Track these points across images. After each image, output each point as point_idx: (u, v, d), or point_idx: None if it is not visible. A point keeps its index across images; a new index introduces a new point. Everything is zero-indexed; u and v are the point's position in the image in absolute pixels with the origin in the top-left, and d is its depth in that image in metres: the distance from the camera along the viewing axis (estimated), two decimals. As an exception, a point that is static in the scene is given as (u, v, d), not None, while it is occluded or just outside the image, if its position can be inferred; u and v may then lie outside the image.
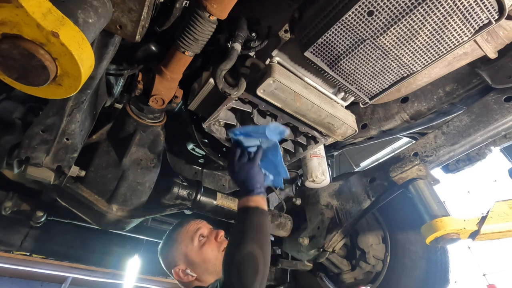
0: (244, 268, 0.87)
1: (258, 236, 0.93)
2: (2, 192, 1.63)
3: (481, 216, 1.05)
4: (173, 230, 1.40)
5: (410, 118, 1.48)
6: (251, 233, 0.93)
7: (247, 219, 0.96)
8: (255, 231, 0.94)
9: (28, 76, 0.62)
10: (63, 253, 2.12)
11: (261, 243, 0.92)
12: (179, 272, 1.25)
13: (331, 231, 1.56)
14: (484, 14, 0.84)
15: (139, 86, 1.17)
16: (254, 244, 0.90)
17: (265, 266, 0.90)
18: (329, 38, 0.93)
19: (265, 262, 0.90)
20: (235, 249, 0.91)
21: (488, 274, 5.19)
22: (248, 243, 0.90)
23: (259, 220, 0.97)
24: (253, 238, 0.92)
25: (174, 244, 1.32)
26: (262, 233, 0.94)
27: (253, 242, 0.91)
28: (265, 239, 0.94)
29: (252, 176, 1.04)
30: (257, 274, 0.87)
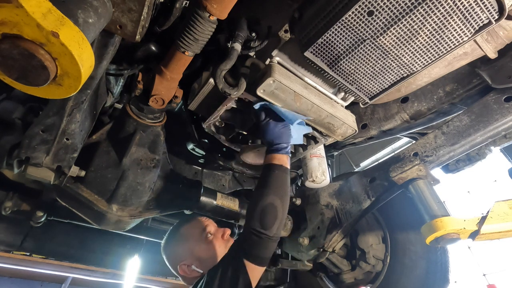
0: (266, 214, 1.01)
1: (279, 189, 1.06)
2: (2, 192, 1.63)
3: (481, 216, 1.05)
4: (180, 226, 1.39)
5: (410, 118, 1.48)
6: (274, 186, 1.06)
7: (272, 174, 1.08)
8: (277, 185, 1.07)
9: (28, 76, 0.62)
10: (63, 253, 2.12)
11: (281, 196, 1.06)
12: (184, 268, 1.25)
13: (331, 231, 1.56)
14: (484, 14, 0.84)
15: (139, 86, 1.17)
16: (275, 196, 1.04)
17: (283, 215, 1.04)
18: (329, 38, 0.93)
19: (283, 211, 1.05)
20: (259, 199, 1.05)
21: (488, 274, 5.19)
22: (271, 195, 1.04)
23: (282, 176, 1.09)
24: (275, 191, 1.05)
25: (181, 240, 1.32)
26: (282, 187, 1.07)
27: (275, 194, 1.04)
28: (285, 193, 1.08)
29: (280, 135, 1.14)
30: (276, 220, 1.01)
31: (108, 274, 5.48)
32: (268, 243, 1.01)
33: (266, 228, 0.99)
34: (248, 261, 0.99)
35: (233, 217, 1.72)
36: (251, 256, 1.00)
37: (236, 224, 1.99)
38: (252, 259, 1.00)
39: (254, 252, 1.00)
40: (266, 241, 1.00)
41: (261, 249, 1.01)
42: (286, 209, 1.07)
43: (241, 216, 1.73)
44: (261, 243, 1.00)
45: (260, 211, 1.02)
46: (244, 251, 1.01)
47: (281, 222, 1.04)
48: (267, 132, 1.14)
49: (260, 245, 1.00)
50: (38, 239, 1.98)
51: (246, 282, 0.97)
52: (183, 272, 1.26)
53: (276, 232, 1.02)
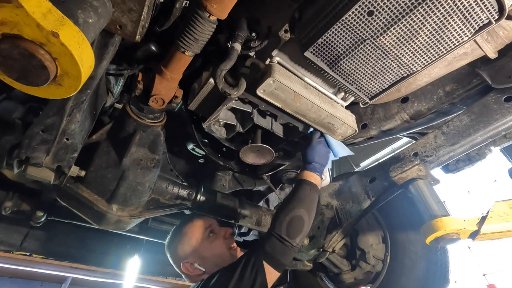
0: (293, 224, 1.08)
1: (310, 206, 1.14)
2: (2, 192, 1.63)
3: (481, 216, 1.05)
4: (183, 224, 1.42)
5: (410, 118, 1.48)
6: (306, 202, 1.14)
7: (306, 190, 1.16)
8: (309, 201, 1.14)
9: (28, 76, 0.62)
10: (63, 253, 2.12)
11: (310, 212, 1.13)
12: (187, 266, 1.28)
13: (331, 231, 1.56)
14: (484, 14, 0.84)
15: (139, 86, 1.17)
16: (306, 211, 1.12)
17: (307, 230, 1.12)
18: (329, 38, 0.93)
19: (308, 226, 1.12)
20: (290, 209, 1.11)
21: (488, 274, 5.19)
22: (302, 209, 1.11)
23: (314, 194, 1.18)
24: (306, 206, 1.13)
25: (184, 238, 1.35)
26: (313, 204, 1.16)
27: (306, 209, 1.12)
28: (313, 210, 1.16)
29: (324, 157, 1.26)
30: (301, 232, 1.08)
31: (108, 274, 5.48)
32: (289, 251, 1.06)
33: (291, 237, 1.05)
34: (267, 263, 1.03)
35: (233, 217, 1.72)
36: (272, 260, 1.04)
37: (236, 224, 1.99)
38: (272, 262, 1.03)
39: (274, 255, 1.05)
40: (288, 248, 1.05)
41: (281, 254, 1.05)
42: (311, 224, 1.13)
43: (241, 216, 1.73)
44: (283, 249, 1.05)
45: (288, 220, 1.08)
46: (265, 253, 1.05)
47: (304, 235, 1.10)
48: (315, 150, 1.24)
49: (281, 250, 1.05)
50: (38, 239, 1.98)
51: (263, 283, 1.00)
52: (186, 270, 1.29)
53: (298, 243, 1.07)
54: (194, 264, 1.28)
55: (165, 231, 2.28)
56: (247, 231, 2.35)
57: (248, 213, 1.73)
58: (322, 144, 1.26)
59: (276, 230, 1.07)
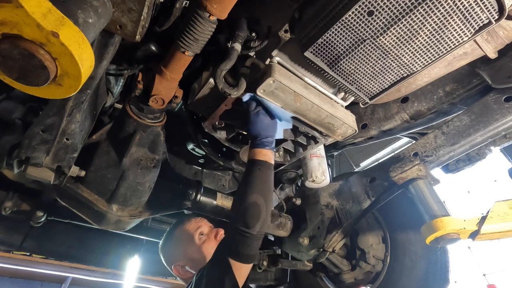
0: (249, 213, 1.01)
1: (262, 187, 1.05)
2: (2, 192, 1.63)
3: (481, 216, 1.05)
4: (174, 227, 1.42)
5: (410, 118, 1.48)
6: (257, 184, 1.05)
7: (255, 171, 1.07)
8: (260, 183, 1.06)
9: (28, 76, 0.62)
10: (63, 253, 2.12)
11: (264, 194, 1.05)
12: (178, 269, 1.28)
13: (331, 231, 1.56)
14: (484, 14, 0.84)
15: (139, 86, 1.17)
16: (259, 195, 1.03)
17: (267, 213, 1.04)
18: (329, 38, 0.93)
19: (267, 209, 1.04)
20: (243, 198, 1.04)
21: (488, 274, 5.19)
22: (254, 193, 1.03)
23: (265, 173, 1.08)
24: (258, 189, 1.04)
25: (174, 241, 1.35)
26: (266, 185, 1.07)
27: (258, 192, 1.04)
28: (268, 190, 1.07)
29: (267, 127, 1.13)
30: (259, 219, 1.01)
31: (108, 274, 5.48)
32: (252, 241, 1.01)
33: (249, 227, 0.99)
34: (233, 260, 1.00)
35: (233, 217, 1.72)
36: (236, 254, 1.01)
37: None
38: (238, 257, 1.00)
39: (239, 250, 1.01)
40: (251, 239, 1.00)
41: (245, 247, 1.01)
42: (269, 206, 1.06)
43: (241, 216, 1.73)
44: (245, 241, 1.00)
45: (243, 210, 1.02)
46: (230, 250, 1.02)
47: (265, 220, 1.04)
48: (255, 123, 1.12)
49: (244, 243, 1.00)
50: (38, 239, 1.98)
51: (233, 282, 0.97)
52: (177, 272, 1.29)
53: (260, 230, 1.02)
54: (185, 267, 1.27)
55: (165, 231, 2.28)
56: (247, 231, 2.34)
57: (248, 213, 1.73)
58: (262, 115, 1.13)
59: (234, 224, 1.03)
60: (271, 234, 1.85)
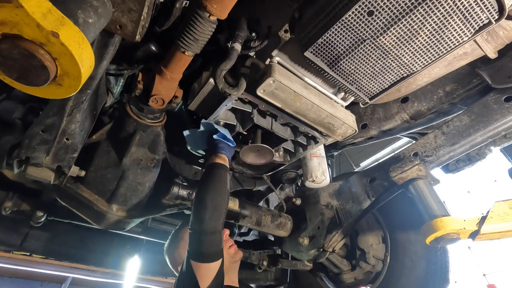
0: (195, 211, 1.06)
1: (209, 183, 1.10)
2: (2, 192, 1.63)
3: (481, 216, 1.05)
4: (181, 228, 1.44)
5: (410, 118, 1.48)
6: (205, 182, 1.11)
7: (206, 172, 1.15)
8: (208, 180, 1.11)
9: (28, 76, 0.62)
10: (63, 253, 2.12)
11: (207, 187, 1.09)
12: None
13: (331, 231, 1.56)
14: (484, 14, 0.84)
15: (139, 86, 1.17)
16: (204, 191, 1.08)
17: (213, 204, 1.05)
18: (329, 38, 0.93)
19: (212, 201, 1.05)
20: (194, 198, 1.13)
21: (488, 274, 5.19)
22: (201, 191, 1.09)
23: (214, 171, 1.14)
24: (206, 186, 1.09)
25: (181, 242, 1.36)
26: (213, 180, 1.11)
27: (204, 189, 1.09)
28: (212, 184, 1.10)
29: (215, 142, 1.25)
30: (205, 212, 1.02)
31: (108, 274, 5.49)
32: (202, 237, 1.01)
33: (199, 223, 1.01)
34: (194, 261, 1.01)
35: (233, 217, 1.72)
36: (194, 255, 1.02)
37: (236, 224, 1.99)
38: (195, 257, 1.01)
39: (195, 250, 1.02)
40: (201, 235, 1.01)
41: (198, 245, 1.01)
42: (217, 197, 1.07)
43: (241, 216, 1.73)
44: (197, 240, 1.01)
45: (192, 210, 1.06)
46: (189, 252, 1.04)
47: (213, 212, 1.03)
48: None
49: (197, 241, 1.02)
50: (38, 239, 1.98)
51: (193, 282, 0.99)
52: None
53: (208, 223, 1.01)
54: None
55: (165, 231, 2.28)
56: (247, 231, 2.35)
57: (248, 213, 1.73)
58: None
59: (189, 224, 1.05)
60: (271, 234, 1.85)
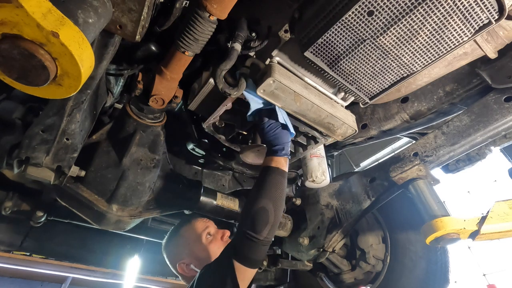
0: (257, 218, 1.01)
1: (273, 193, 1.05)
2: (2, 192, 1.63)
3: (481, 216, 1.05)
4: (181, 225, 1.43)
5: (410, 118, 1.48)
6: (268, 190, 1.05)
7: (267, 177, 1.08)
8: (271, 188, 1.06)
9: (28, 76, 0.62)
10: (63, 253, 2.12)
11: (275, 199, 1.05)
12: (183, 267, 1.29)
13: (331, 231, 1.56)
14: (484, 14, 0.84)
15: (139, 86, 1.17)
16: (268, 200, 1.04)
17: (275, 218, 1.03)
18: (329, 38, 0.93)
19: (276, 215, 1.04)
20: (253, 202, 1.05)
21: (488, 274, 5.18)
22: (264, 199, 1.04)
23: (277, 179, 1.08)
24: (269, 195, 1.05)
25: (181, 239, 1.36)
26: (277, 190, 1.07)
27: (268, 198, 1.04)
28: (279, 196, 1.07)
29: (279, 136, 1.14)
30: (267, 224, 1.01)
31: (108, 274, 5.48)
32: (259, 247, 1.01)
33: (257, 232, 0.99)
34: (238, 262, 0.99)
35: (233, 217, 1.72)
36: (241, 257, 1.00)
37: (236, 224, 1.99)
38: (242, 260, 1.00)
39: (244, 254, 1.01)
40: (257, 244, 1.00)
41: (251, 251, 1.01)
42: (279, 212, 1.06)
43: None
44: (251, 246, 1.00)
45: (252, 215, 1.02)
46: (235, 252, 1.02)
47: (273, 226, 1.03)
48: (265, 134, 1.15)
49: (250, 247, 1.01)
50: (38, 239, 1.98)
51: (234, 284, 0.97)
52: (181, 270, 1.30)
53: (267, 236, 1.01)
54: (190, 265, 1.28)
55: (165, 231, 2.26)
56: (247, 231, 2.34)
57: (248, 213, 1.73)
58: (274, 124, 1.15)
59: (242, 227, 1.03)
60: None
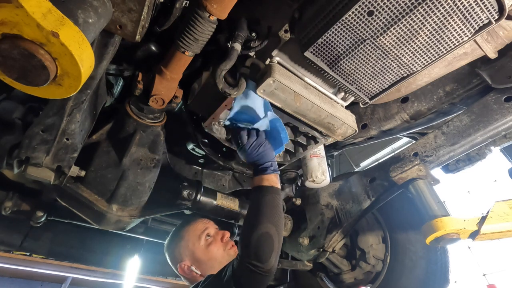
0: (261, 246, 0.92)
1: (272, 215, 0.97)
2: (2, 192, 1.63)
3: (481, 216, 1.05)
4: (181, 227, 1.43)
5: (410, 118, 1.48)
6: (268, 213, 0.97)
7: (262, 199, 1.00)
8: (269, 210, 0.97)
9: (28, 76, 0.62)
10: (63, 253, 2.12)
11: (276, 222, 0.96)
12: (184, 268, 1.29)
13: (331, 231, 1.56)
14: (484, 14, 0.84)
15: (139, 86, 1.17)
16: (269, 224, 0.95)
17: (279, 242, 0.96)
18: (329, 38, 0.93)
19: (279, 239, 0.96)
20: (252, 229, 0.95)
21: (488, 274, 5.18)
22: (264, 223, 0.94)
23: (273, 199, 1.00)
24: (268, 218, 0.96)
25: (181, 241, 1.36)
26: (275, 211, 0.98)
27: (268, 221, 0.95)
28: (279, 217, 0.98)
29: (264, 154, 1.07)
30: (273, 251, 0.93)
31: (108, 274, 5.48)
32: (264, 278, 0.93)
33: (263, 262, 0.91)
34: None
35: (233, 217, 1.72)
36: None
37: (236, 224, 1.99)
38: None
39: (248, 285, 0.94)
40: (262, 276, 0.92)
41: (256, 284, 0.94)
42: (281, 235, 0.99)
43: (241, 216, 1.73)
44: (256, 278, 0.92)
45: (255, 242, 0.93)
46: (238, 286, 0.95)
47: (278, 253, 0.96)
48: (248, 155, 1.08)
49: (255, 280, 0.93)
50: (38, 239, 1.98)
51: None
52: (182, 272, 1.30)
53: (274, 265, 0.94)
54: (190, 267, 1.29)
55: (165, 231, 2.28)
56: (247, 231, 2.34)
57: (248, 213, 1.73)
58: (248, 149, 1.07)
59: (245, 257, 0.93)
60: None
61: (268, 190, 1.02)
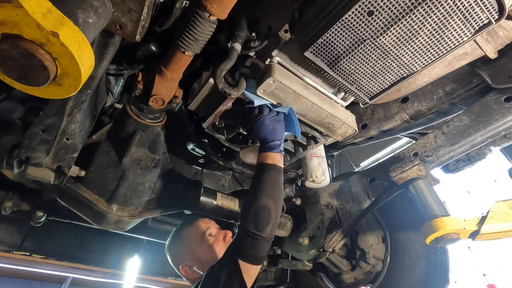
0: (260, 217, 1.02)
1: (272, 190, 1.05)
2: (2, 192, 1.63)
3: (481, 216, 1.05)
4: (182, 227, 1.43)
5: (410, 118, 1.48)
6: (267, 188, 1.05)
7: (265, 175, 1.07)
8: (270, 186, 1.06)
9: (28, 76, 0.62)
10: (63, 253, 2.12)
11: (275, 197, 1.05)
12: (186, 269, 1.28)
13: (331, 231, 1.56)
14: (484, 14, 0.84)
15: (139, 86, 1.17)
16: (269, 198, 1.04)
17: (276, 216, 1.05)
18: (329, 38, 0.93)
19: (277, 212, 1.05)
20: (253, 201, 1.05)
21: (488, 274, 5.18)
22: (264, 197, 1.04)
23: (275, 176, 1.08)
24: (268, 193, 1.05)
25: (182, 242, 1.36)
26: (276, 187, 1.06)
27: (268, 196, 1.04)
28: (278, 193, 1.07)
29: (278, 131, 1.12)
30: (270, 222, 1.02)
31: (108, 274, 5.47)
32: (263, 244, 1.02)
33: (260, 230, 1.00)
34: (242, 261, 1.00)
35: (233, 217, 1.72)
36: (245, 256, 1.01)
37: (236, 224, 1.99)
38: (247, 258, 1.01)
39: (248, 252, 1.02)
40: (261, 241, 1.01)
41: (255, 249, 1.02)
42: (279, 209, 1.08)
43: (241, 216, 1.73)
44: (255, 244, 1.01)
45: (254, 213, 1.02)
46: (239, 251, 1.03)
47: (275, 223, 1.05)
48: (260, 129, 1.12)
49: (254, 245, 1.01)
50: (38, 239, 1.99)
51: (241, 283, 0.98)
52: (184, 272, 1.29)
53: (270, 233, 1.03)
54: (192, 267, 1.28)
55: (165, 231, 2.28)
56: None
57: (248, 213, 1.73)
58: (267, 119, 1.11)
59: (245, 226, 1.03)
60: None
61: (271, 167, 1.08)
